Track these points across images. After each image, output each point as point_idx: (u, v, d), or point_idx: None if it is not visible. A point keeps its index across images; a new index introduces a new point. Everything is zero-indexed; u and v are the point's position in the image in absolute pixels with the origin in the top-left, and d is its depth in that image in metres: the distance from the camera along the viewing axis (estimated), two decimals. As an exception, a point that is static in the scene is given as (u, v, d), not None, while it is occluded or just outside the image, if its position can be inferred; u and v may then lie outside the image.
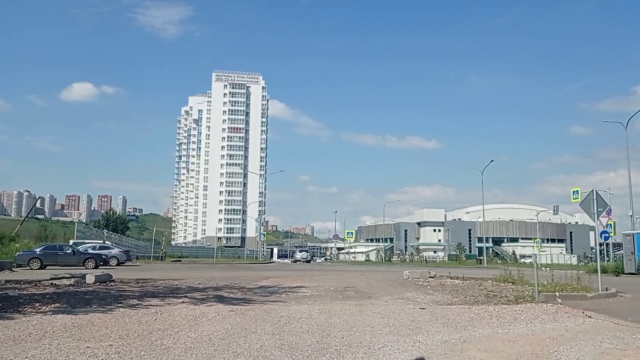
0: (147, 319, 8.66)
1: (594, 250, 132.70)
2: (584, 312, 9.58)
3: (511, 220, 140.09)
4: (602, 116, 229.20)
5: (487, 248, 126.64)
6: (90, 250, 31.77)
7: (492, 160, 67.14)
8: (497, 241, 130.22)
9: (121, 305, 10.49)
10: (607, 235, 28.99)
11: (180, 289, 14.50)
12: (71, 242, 36.89)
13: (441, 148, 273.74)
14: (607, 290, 13.08)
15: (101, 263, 28.86)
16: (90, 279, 16.09)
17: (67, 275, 17.46)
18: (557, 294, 11.53)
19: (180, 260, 47.41)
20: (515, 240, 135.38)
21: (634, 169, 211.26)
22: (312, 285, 16.38)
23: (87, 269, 26.33)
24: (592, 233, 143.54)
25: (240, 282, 17.35)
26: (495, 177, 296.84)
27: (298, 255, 70.29)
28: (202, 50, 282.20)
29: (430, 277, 19.04)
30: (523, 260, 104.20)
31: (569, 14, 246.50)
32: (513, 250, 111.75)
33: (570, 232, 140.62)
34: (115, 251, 33.93)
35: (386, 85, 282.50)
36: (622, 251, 40.12)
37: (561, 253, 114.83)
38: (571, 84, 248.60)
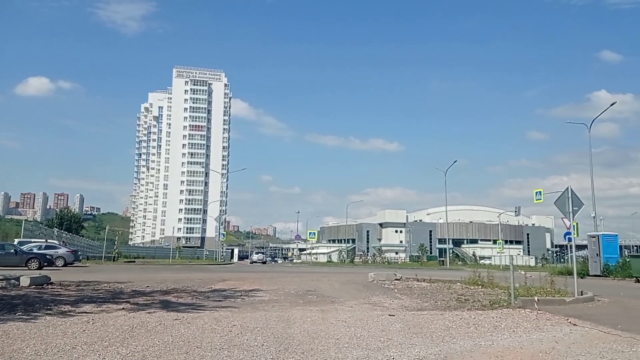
0: (75, 329, 7.37)
1: (549, 252, 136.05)
2: (567, 320, 8.75)
3: (471, 222, 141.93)
4: (557, 122, 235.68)
5: (447, 250, 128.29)
6: (34, 250, 29.72)
7: (455, 161, 67.53)
8: (457, 242, 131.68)
9: (49, 312, 9.13)
10: (570, 236, 28.73)
11: (123, 293, 13.13)
12: (16, 241, 34.62)
13: (403, 150, 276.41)
14: (582, 294, 12.37)
15: (45, 264, 26.92)
16: (25, 281, 14.52)
17: (0, 277, 15.80)
18: (535, 298, 10.71)
19: (134, 261, 45.40)
20: (474, 241, 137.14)
21: (584, 173, 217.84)
22: (270, 288, 15.23)
23: (30, 269, 24.49)
24: (548, 235, 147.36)
25: (193, 285, 16.05)
26: (454, 179, 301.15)
27: (255, 257, 73.18)
28: (163, 46, 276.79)
29: (397, 279, 18.14)
30: (482, 261, 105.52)
31: (528, 23, 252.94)
32: (473, 252, 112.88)
33: (528, 234, 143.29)
34: (62, 251, 31.88)
35: (349, 89, 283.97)
36: (581, 252, 40.39)
37: (519, 254, 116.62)
38: (529, 90, 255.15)
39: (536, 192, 34.79)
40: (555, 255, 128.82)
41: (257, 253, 79.66)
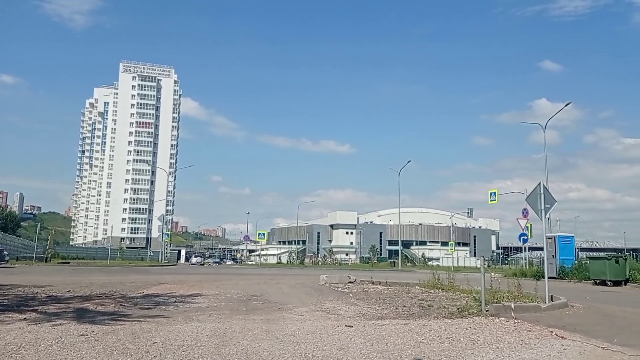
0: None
1: (495, 253, 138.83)
2: (551, 331, 7.56)
3: (420, 224, 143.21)
4: (501, 128, 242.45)
5: (397, 251, 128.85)
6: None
7: (409, 161, 67.08)
8: (407, 244, 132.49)
9: None
10: (525, 238, 28.32)
11: (35, 299, 11.21)
12: None
13: (354, 153, 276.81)
14: (553, 299, 11.34)
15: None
16: None
17: None
18: (512, 306, 9.52)
19: (68, 262, 42.41)
20: (423, 243, 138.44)
21: (527, 177, 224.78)
22: (211, 293, 13.58)
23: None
24: (493, 237, 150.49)
25: (123, 289, 14.20)
26: (403, 182, 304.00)
27: (193, 260, 77.85)
28: (111, 41, 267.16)
29: (350, 282, 16.79)
30: (431, 262, 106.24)
31: (476, 32, 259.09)
32: (423, 253, 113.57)
33: (474, 236, 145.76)
34: (-17, 251, 29.05)
35: (302, 90, 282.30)
36: (535, 254, 40.33)
37: (465, 256, 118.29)
38: (475, 97, 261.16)
39: (491, 193, 34.41)
40: (500, 257, 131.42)
41: (195, 257, 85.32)
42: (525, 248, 31.04)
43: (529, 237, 29.35)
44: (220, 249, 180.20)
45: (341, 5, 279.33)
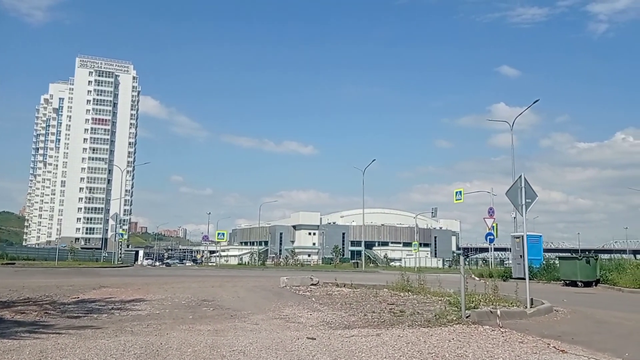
0: None
1: (455, 254, 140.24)
2: (547, 343, 6.49)
3: (383, 225, 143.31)
4: (462, 131, 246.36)
5: (360, 252, 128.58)
6: None
7: (374, 160, 66.40)
8: (369, 245, 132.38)
9: None
10: (492, 237, 27.66)
11: (-56, 306, 9.56)
12: None
13: (317, 154, 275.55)
14: (533, 303, 10.37)
15: None
16: None
17: None
18: (498, 312, 8.44)
19: (13, 263, 39.81)
20: (385, 244, 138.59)
21: (485, 180, 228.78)
22: (157, 297, 12.12)
23: None
24: (454, 238, 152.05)
25: (57, 293, 12.60)
26: (365, 183, 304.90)
27: (145, 262, 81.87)
28: (70, 38, 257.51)
29: (313, 284, 15.53)
30: (393, 263, 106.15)
31: (437, 36, 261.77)
32: (385, 254, 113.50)
33: (435, 237, 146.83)
34: None
35: (264, 90, 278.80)
36: (497, 254, 39.92)
37: (427, 256, 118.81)
38: (436, 101, 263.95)
39: (456, 192, 33.77)
40: (460, 257, 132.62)
41: (146, 259, 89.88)
42: (490, 248, 30.47)
43: (495, 237, 28.70)
44: (180, 249, 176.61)
45: (302, 8, 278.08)
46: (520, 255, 23.26)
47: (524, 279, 23.15)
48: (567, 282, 20.39)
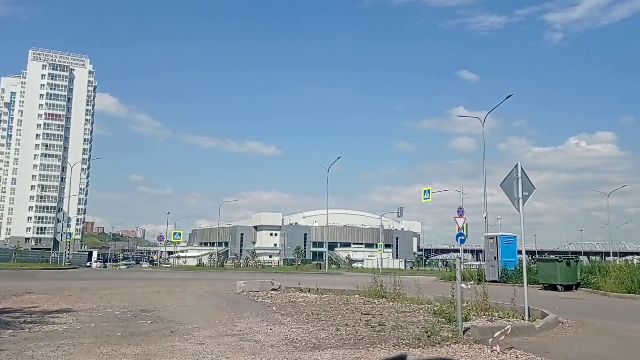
0: None
1: (415, 255, 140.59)
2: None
3: (345, 226, 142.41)
4: (423, 134, 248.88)
5: (322, 253, 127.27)
6: None
7: (339, 157, 64.93)
8: (331, 246, 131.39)
9: None
10: (462, 238, 26.43)
11: None
12: None
13: (280, 154, 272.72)
14: (530, 313, 8.93)
15: None
16: None
17: None
18: (508, 327, 6.89)
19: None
20: (347, 245, 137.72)
21: (444, 182, 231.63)
22: (88, 306, 10.24)
23: None
24: (415, 239, 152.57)
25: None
26: (328, 184, 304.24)
27: (94, 265, 79.93)
28: (26, 30, 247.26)
29: (274, 289, 13.82)
30: (355, 264, 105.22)
31: (398, 40, 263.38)
32: (348, 255, 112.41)
33: (397, 238, 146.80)
34: None
35: (226, 90, 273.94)
36: (465, 256, 38.98)
37: (389, 257, 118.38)
38: (397, 104, 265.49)
39: (424, 191, 32.57)
40: (422, 258, 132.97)
41: (96, 261, 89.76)
42: (461, 249, 29.33)
43: (466, 237, 27.52)
44: (138, 250, 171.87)
45: (266, 7, 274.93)
46: (495, 257, 22.14)
47: (498, 281, 22.04)
48: (546, 285, 19.25)
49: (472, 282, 10.49)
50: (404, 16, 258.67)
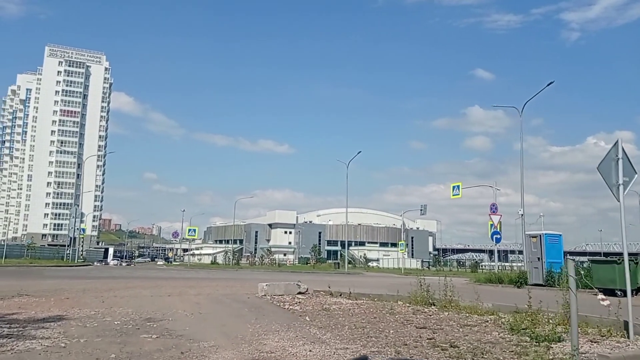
0: None
1: (431, 255, 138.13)
2: None
3: (359, 224, 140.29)
4: (436, 133, 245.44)
5: (336, 251, 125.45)
6: None
7: (359, 152, 62.90)
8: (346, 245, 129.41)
9: None
10: (498, 237, 24.45)
11: None
12: None
13: (293, 153, 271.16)
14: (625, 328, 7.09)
15: None
16: None
17: None
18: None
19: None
20: (362, 244, 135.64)
21: (458, 182, 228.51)
22: (84, 313, 8.57)
23: None
24: (430, 238, 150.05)
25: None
26: (341, 183, 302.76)
27: (111, 262, 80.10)
28: (43, 28, 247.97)
29: (300, 292, 12.04)
30: (370, 264, 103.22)
31: (411, 39, 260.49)
32: (364, 254, 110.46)
33: (412, 237, 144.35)
34: None
35: (240, 88, 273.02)
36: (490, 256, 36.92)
37: (404, 257, 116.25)
38: (410, 102, 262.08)
39: (453, 187, 30.55)
40: (437, 258, 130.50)
41: (113, 259, 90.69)
42: (495, 249, 27.33)
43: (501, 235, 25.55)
44: (153, 247, 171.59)
45: (281, 5, 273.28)
46: (538, 258, 20.12)
47: (543, 285, 20.09)
48: (601, 290, 17.22)
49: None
50: (418, 15, 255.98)
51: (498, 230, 24.26)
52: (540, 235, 20.54)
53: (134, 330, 7.14)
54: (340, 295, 12.00)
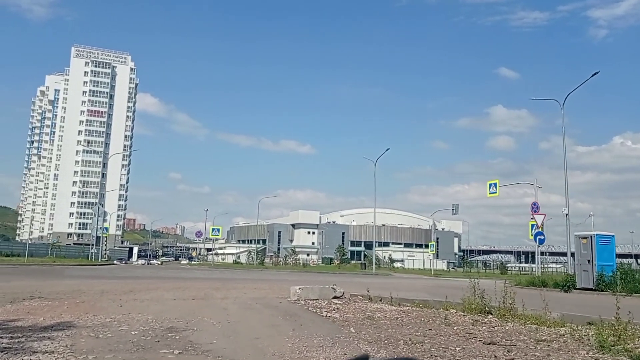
0: None
1: (457, 256, 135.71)
2: None
3: (383, 225, 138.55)
4: (459, 133, 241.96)
5: (360, 252, 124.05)
6: None
7: (387, 149, 61.47)
8: (369, 245, 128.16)
9: None
10: (542, 238, 22.98)
11: None
12: None
13: (315, 153, 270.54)
14: None
15: None
16: None
17: None
18: None
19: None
20: (386, 244, 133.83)
21: (483, 182, 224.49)
22: (97, 321, 7.56)
23: None
24: (456, 240, 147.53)
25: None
26: (363, 183, 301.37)
27: (139, 261, 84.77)
28: (70, 33, 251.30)
29: (336, 296, 10.91)
30: (394, 264, 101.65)
31: (434, 38, 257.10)
32: (390, 255, 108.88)
33: (437, 238, 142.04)
34: None
35: (262, 88, 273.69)
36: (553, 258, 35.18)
37: (428, 258, 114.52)
38: (432, 102, 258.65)
39: (490, 184, 29.03)
40: (462, 260, 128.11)
41: (140, 258, 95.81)
42: (537, 250, 25.84)
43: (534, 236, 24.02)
44: (177, 247, 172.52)
45: (304, 5, 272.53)
46: (588, 261, 18.63)
47: (593, 290, 18.66)
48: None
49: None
50: (442, 14, 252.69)
51: (541, 230, 22.76)
52: (591, 237, 19.00)
53: (152, 343, 6.09)
54: (381, 300, 10.82)
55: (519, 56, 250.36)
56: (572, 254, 21.18)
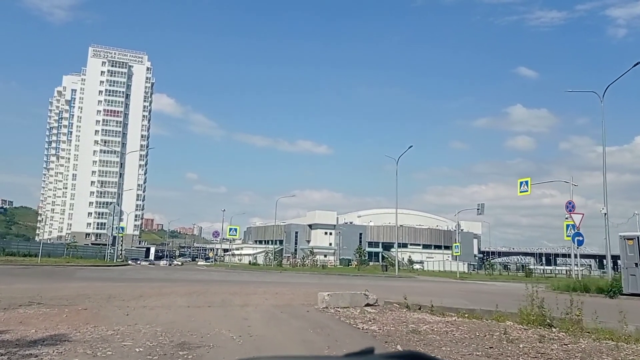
0: None
1: (476, 257, 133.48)
2: None
3: (401, 226, 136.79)
4: (477, 133, 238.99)
5: (377, 253, 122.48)
6: None
7: (410, 146, 59.77)
8: (387, 246, 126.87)
9: None
10: (580, 239, 21.50)
11: None
12: None
13: (331, 153, 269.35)
14: None
15: None
16: None
17: None
18: None
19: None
20: (404, 245, 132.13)
21: (500, 183, 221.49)
22: (98, 333, 6.47)
23: None
24: (475, 241, 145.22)
25: None
26: (379, 184, 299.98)
27: (161, 262, 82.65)
28: (88, 34, 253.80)
29: (369, 304, 9.71)
30: (413, 266, 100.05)
31: (453, 38, 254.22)
32: (409, 256, 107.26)
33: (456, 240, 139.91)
34: None
35: (279, 89, 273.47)
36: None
37: (447, 259, 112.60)
38: (450, 102, 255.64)
39: (521, 182, 27.53)
40: (482, 261, 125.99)
41: (162, 260, 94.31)
42: (573, 252, 24.35)
43: (568, 236, 22.58)
44: (194, 247, 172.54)
45: (320, 4, 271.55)
46: (636, 264, 17.17)
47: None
48: None
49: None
50: (458, 14, 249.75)
51: (579, 231, 21.29)
52: (637, 237, 17.54)
53: (159, 365, 4.99)
54: (420, 308, 9.60)
55: (537, 55, 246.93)
56: (612, 257, 19.76)
